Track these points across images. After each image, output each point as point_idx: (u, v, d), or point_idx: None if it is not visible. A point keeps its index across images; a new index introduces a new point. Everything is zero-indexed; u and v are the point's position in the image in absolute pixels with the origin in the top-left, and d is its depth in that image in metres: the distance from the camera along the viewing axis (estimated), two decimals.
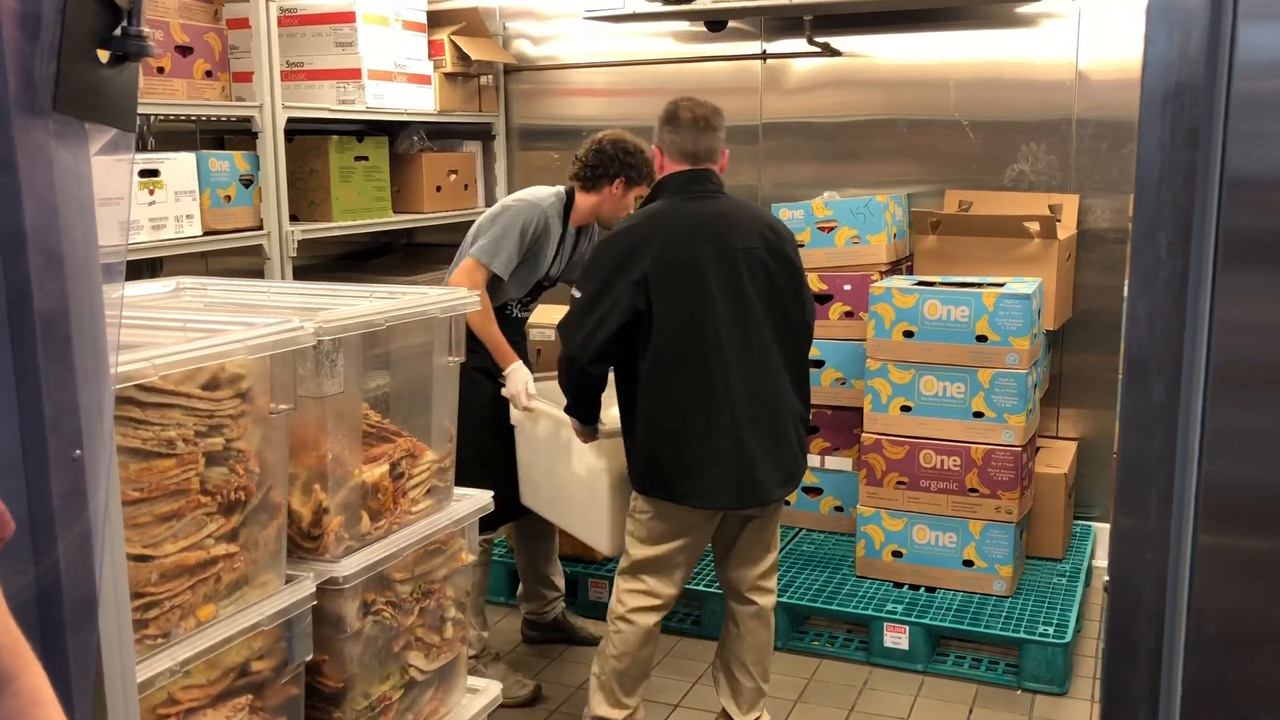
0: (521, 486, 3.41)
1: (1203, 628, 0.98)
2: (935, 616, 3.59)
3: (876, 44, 4.52)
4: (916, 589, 3.81)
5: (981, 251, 4.06)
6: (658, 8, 4.37)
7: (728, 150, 2.92)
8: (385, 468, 2.05)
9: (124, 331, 1.62)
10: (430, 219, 4.73)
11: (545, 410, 3.20)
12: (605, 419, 2.95)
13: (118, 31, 1.11)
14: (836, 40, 4.52)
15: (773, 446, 2.80)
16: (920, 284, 3.83)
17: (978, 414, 3.69)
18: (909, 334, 3.75)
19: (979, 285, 3.77)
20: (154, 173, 3.42)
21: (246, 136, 3.91)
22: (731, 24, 4.68)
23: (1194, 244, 0.95)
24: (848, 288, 4.09)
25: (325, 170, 4.22)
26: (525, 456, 3.39)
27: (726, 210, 2.83)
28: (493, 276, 3.26)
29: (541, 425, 3.25)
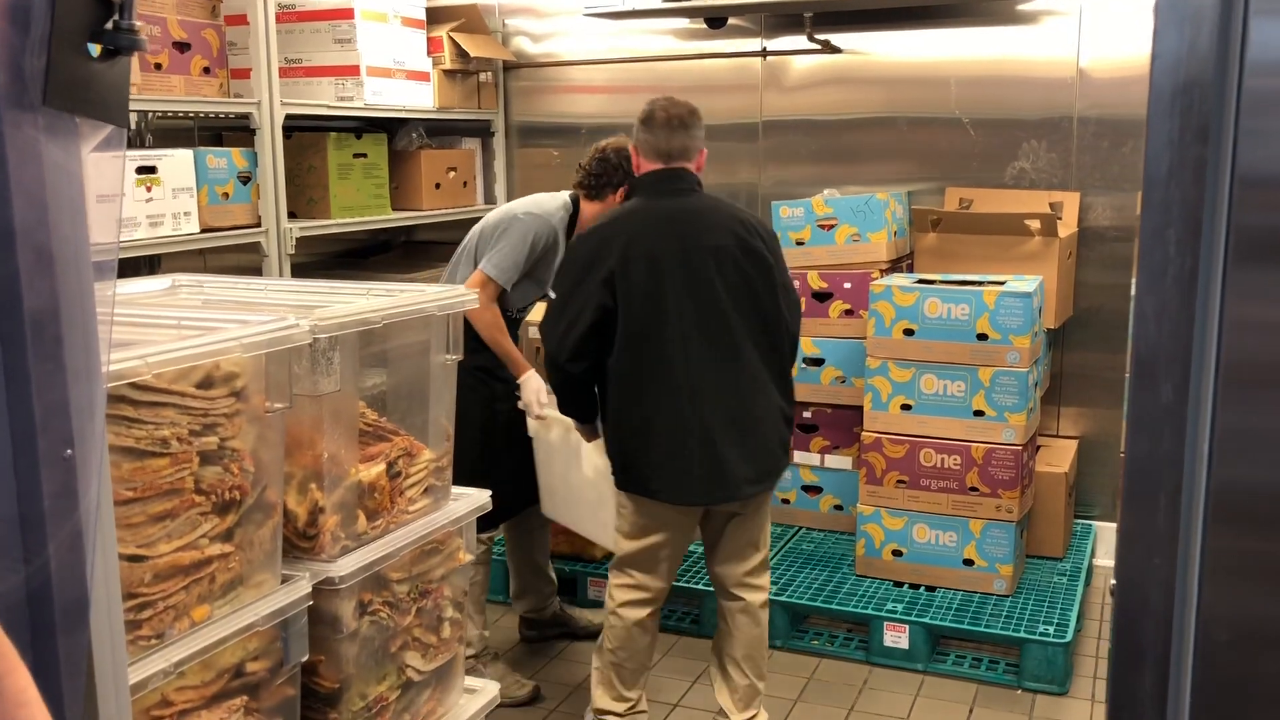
0: (542, 497, 3.47)
1: (1213, 633, 0.96)
2: (935, 616, 3.58)
3: (877, 41, 4.50)
4: (916, 588, 3.80)
5: (982, 249, 4.04)
6: (657, 4, 4.36)
7: (705, 149, 2.92)
8: (382, 467, 2.03)
9: (118, 329, 1.61)
10: (429, 216, 4.72)
11: (556, 416, 3.23)
12: None
13: (109, 25, 1.10)
14: (837, 37, 4.51)
15: (744, 443, 2.79)
16: (921, 282, 3.81)
17: (978, 412, 3.68)
18: (909, 332, 3.74)
19: (980, 283, 3.76)
20: (151, 169, 3.40)
21: (244, 133, 3.90)
22: (731, 21, 4.67)
23: (1203, 241, 0.93)
24: (848, 285, 4.07)
25: (323, 167, 4.21)
26: (543, 466, 3.43)
27: (697, 207, 2.83)
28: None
29: (554, 432, 3.29)
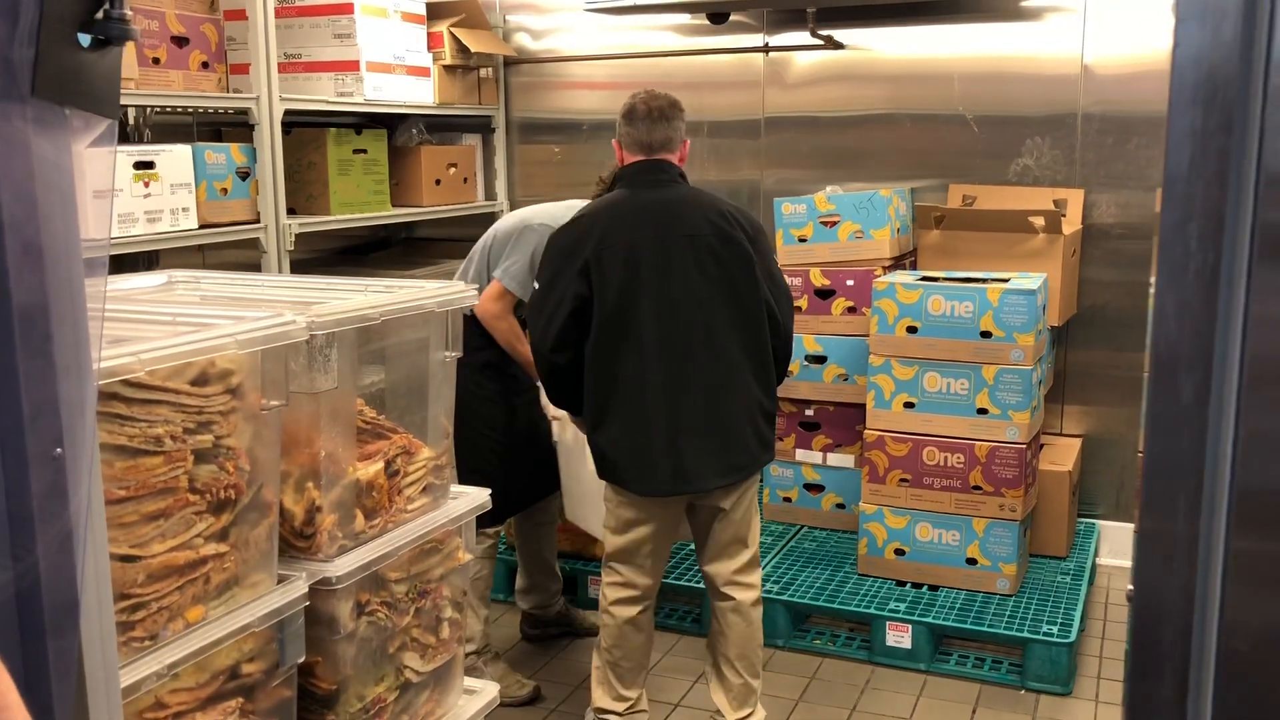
0: (565, 502, 3.51)
1: (1234, 641, 0.93)
2: (938, 615, 3.56)
3: (880, 37, 4.48)
4: (919, 587, 3.77)
5: (986, 247, 4.02)
6: None
7: (689, 141, 2.93)
8: (380, 465, 2.01)
9: (112, 325, 1.58)
10: (429, 212, 4.70)
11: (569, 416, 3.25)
12: None
13: (99, 14, 1.07)
14: (840, 33, 4.49)
15: (713, 435, 2.77)
16: (924, 279, 3.79)
17: (981, 411, 3.65)
18: (912, 330, 3.71)
19: (983, 281, 3.73)
20: (149, 165, 3.38)
21: (243, 129, 3.87)
22: (733, 17, 4.64)
23: (1226, 236, 0.90)
24: (850, 283, 4.05)
25: (323, 163, 4.18)
26: (564, 470, 3.45)
27: (676, 198, 2.83)
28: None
29: (569, 432, 3.30)
